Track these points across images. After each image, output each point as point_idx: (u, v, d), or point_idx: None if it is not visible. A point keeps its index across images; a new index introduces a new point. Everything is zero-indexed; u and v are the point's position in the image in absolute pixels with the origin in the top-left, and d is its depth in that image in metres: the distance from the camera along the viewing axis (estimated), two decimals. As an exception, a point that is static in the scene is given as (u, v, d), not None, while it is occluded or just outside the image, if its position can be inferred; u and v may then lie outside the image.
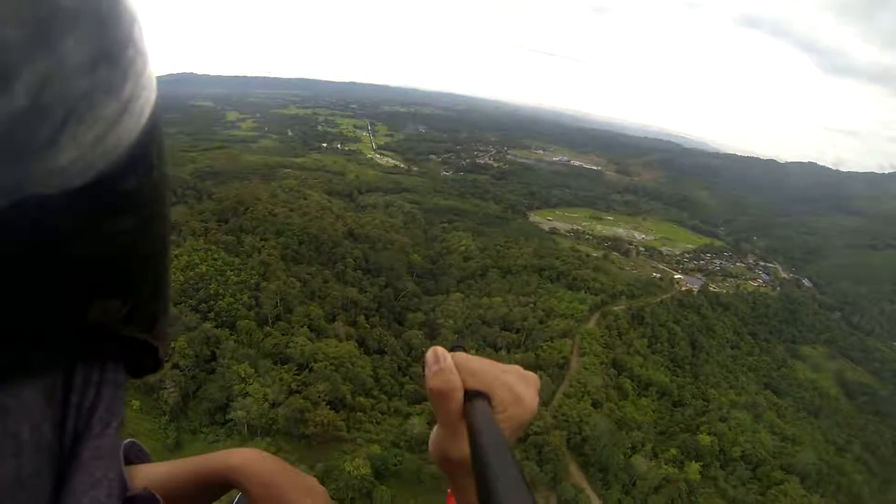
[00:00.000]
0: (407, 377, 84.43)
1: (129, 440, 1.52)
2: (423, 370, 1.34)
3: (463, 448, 1.28)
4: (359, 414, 72.29)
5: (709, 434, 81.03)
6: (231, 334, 79.10)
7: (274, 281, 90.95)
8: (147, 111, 0.58)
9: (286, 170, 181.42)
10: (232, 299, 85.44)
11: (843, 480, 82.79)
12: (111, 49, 0.50)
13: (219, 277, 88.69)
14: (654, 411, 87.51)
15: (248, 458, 1.67)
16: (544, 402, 77.32)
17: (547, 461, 67.88)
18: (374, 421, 73.03)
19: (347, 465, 59.82)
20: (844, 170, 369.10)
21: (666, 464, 73.82)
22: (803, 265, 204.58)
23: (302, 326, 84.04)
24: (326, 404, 69.02)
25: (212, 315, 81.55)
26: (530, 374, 1.47)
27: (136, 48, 0.54)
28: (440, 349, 1.37)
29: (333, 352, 78.20)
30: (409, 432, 68.28)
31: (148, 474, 1.53)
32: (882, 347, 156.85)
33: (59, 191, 0.47)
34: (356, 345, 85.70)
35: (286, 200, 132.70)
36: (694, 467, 73.52)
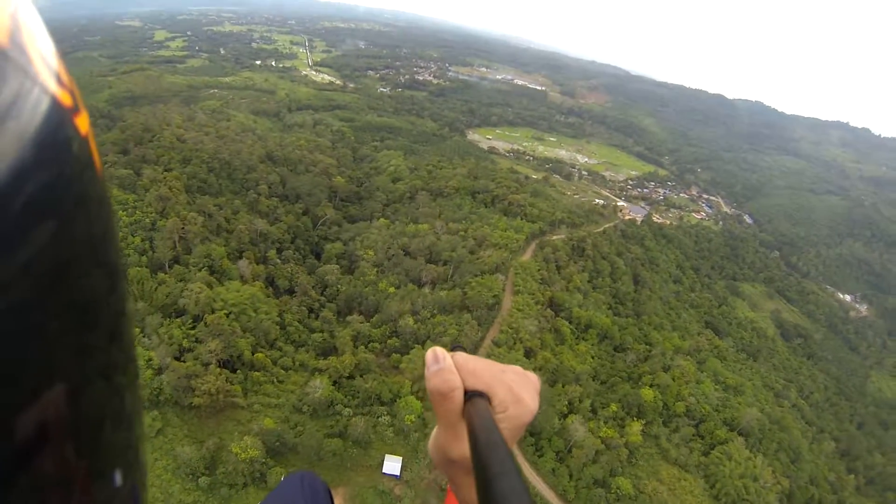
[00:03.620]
0: (318, 320, 72.48)
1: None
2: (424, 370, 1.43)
3: (463, 448, 1.33)
4: (257, 374, 60.20)
5: (651, 387, 71.80)
6: (121, 285, 63.05)
7: (173, 217, 75.41)
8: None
9: (212, 90, 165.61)
10: (123, 244, 69.89)
11: (783, 437, 77.69)
12: None
13: (108, 220, 70.28)
14: (593, 357, 77.08)
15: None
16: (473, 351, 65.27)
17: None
18: (276, 380, 61.17)
19: (235, 446, 49.86)
20: (789, 112, 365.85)
21: (605, 423, 64.33)
22: (745, 201, 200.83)
23: (201, 269, 70.63)
24: (219, 365, 57.98)
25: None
26: (531, 374, 1.54)
27: None
28: (440, 349, 1.45)
29: (234, 297, 65.60)
30: (311, 395, 57.38)
31: None
32: (817, 290, 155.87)
33: None
34: (263, 285, 73.86)
35: (203, 124, 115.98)
36: (635, 427, 64.29)
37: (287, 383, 61.13)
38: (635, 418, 66.84)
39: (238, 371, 59.48)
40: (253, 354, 61.59)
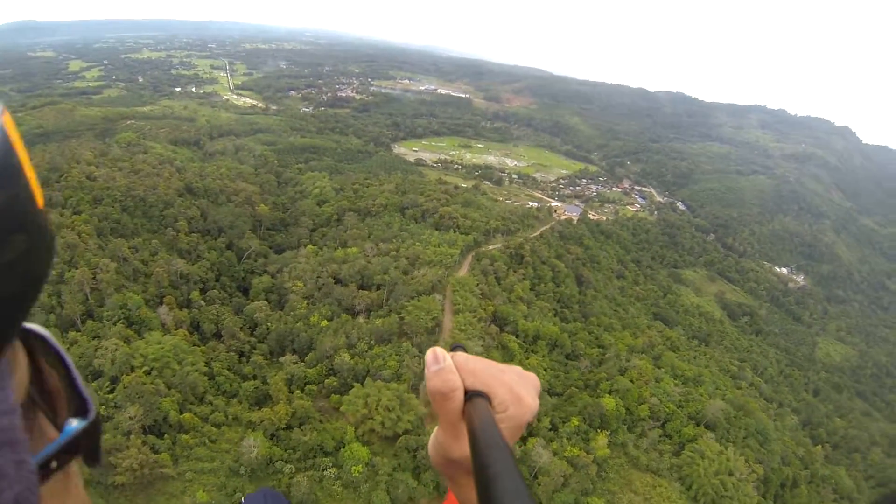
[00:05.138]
0: (249, 364, 66.41)
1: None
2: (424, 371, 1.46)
3: (463, 448, 1.37)
4: (185, 437, 53.17)
5: (610, 393, 67.71)
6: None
7: (82, 267, 67.99)
8: None
9: (128, 121, 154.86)
10: None
11: (749, 422, 75.49)
12: None
13: (9, 277, 61.28)
14: (545, 370, 72.35)
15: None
16: (411, 386, 59.65)
17: (427, 466, 52.01)
18: (208, 440, 54.30)
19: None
20: (709, 100, 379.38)
21: (569, 440, 59.48)
22: (676, 189, 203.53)
23: (116, 322, 63.71)
24: (144, 432, 51.97)
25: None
26: (530, 374, 1.58)
27: None
28: (440, 350, 1.49)
29: (154, 351, 59.35)
30: (247, 455, 50.98)
31: None
32: (755, 267, 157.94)
33: None
34: (187, 333, 67.61)
35: (117, 158, 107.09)
36: (601, 440, 59.92)
37: (220, 442, 54.40)
38: (599, 430, 62.61)
39: (165, 435, 52.77)
40: (181, 413, 54.91)
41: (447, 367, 1.43)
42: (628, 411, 66.88)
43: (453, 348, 1.56)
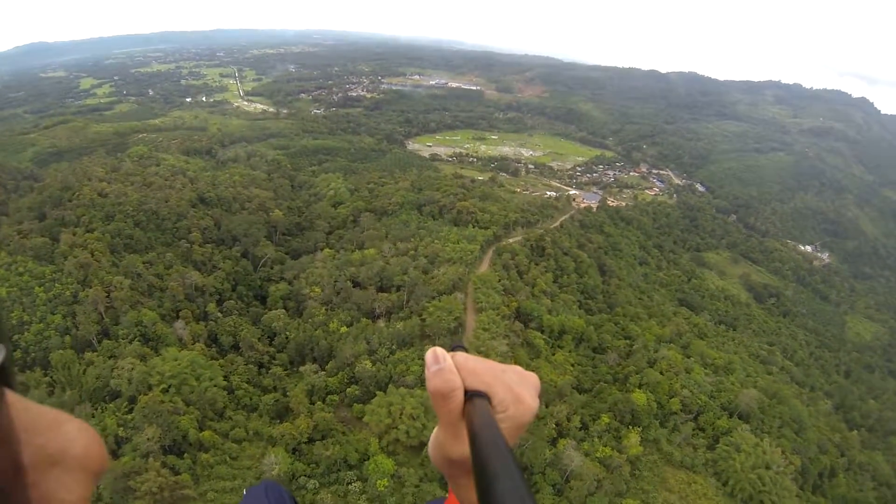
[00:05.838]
0: (268, 376, 65.13)
1: None
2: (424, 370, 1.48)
3: (464, 448, 1.37)
4: (206, 455, 52.30)
5: (640, 387, 66.21)
6: (45, 374, 58.15)
7: (95, 286, 67.58)
8: None
9: (140, 135, 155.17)
10: (42, 325, 62.74)
11: (783, 410, 73.53)
12: None
13: (24, 299, 65.03)
14: (573, 365, 70.99)
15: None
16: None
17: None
18: (229, 457, 53.47)
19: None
20: (722, 78, 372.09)
21: (600, 439, 58.05)
22: (694, 170, 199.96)
23: (132, 341, 63.03)
24: (163, 452, 50.91)
25: (17, 355, 59.27)
26: (531, 374, 1.60)
27: None
28: (440, 349, 1.50)
29: (171, 368, 58.29)
30: (268, 473, 50.10)
31: None
32: (779, 247, 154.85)
33: None
34: (204, 346, 66.81)
35: (130, 173, 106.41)
36: (633, 438, 58.24)
37: (241, 459, 53.62)
38: (630, 426, 61.16)
39: (185, 455, 51.87)
40: (201, 431, 53.92)
41: (447, 367, 1.44)
42: (659, 405, 65.31)
43: (453, 348, 1.57)
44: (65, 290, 67.32)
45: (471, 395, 1.42)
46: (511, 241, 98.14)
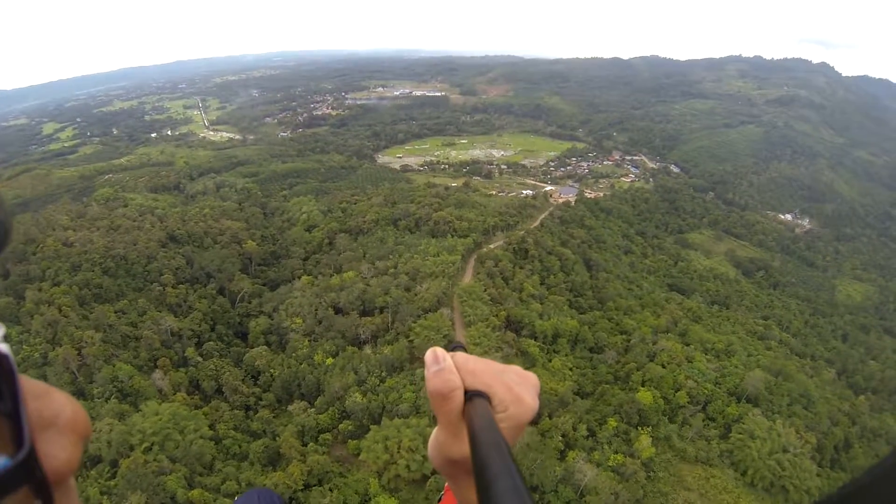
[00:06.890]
0: (255, 420, 61.51)
1: None
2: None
3: (463, 448, 1.37)
4: None
5: (644, 384, 63.87)
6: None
7: (66, 344, 63.49)
8: None
9: (106, 176, 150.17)
10: None
11: (790, 387, 71.65)
12: None
13: (-12, 371, 57.52)
14: (571, 369, 68.31)
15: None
16: (433, 419, 55.33)
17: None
18: None
19: None
20: (684, 58, 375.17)
21: (610, 445, 55.29)
22: (667, 152, 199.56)
23: (108, 399, 59.14)
24: None
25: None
26: (530, 374, 1.59)
27: None
28: (440, 350, 1.51)
29: (152, 424, 54.56)
30: None
31: None
32: (760, 219, 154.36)
33: None
34: (186, 395, 63.29)
35: (96, 217, 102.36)
36: (644, 440, 55.56)
37: (235, 515, 49.53)
38: (639, 427, 58.56)
39: None
40: (190, 489, 49.91)
41: (447, 368, 1.44)
42: (666, 400, 62.86)
43: (453, 348, 1.57)
44: (33, 352, 63.22)
45: (471, 395, 1.42)
46: (492, 246, 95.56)
